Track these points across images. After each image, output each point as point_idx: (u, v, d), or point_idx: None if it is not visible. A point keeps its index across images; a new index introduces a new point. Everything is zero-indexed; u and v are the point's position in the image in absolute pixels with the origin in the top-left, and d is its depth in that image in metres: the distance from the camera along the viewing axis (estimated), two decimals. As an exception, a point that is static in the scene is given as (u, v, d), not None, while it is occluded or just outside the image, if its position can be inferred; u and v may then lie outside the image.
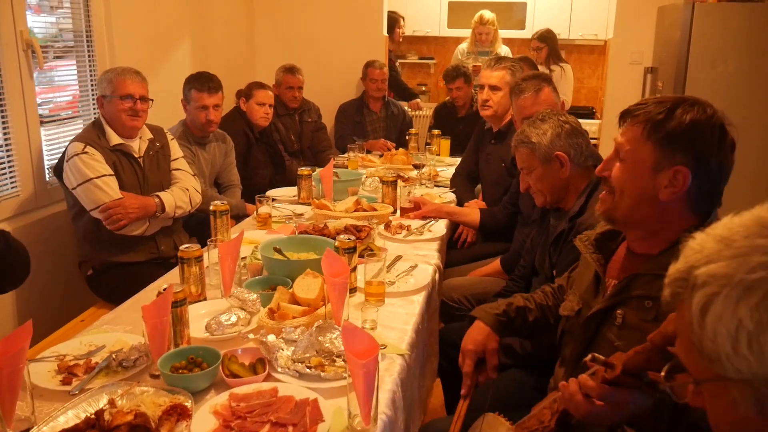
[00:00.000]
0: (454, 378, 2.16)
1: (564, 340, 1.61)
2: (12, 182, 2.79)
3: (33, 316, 2.13)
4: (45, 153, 2.97)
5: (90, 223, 2.62)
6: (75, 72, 3.24)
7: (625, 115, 1.38)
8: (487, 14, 5.46)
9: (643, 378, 1.11)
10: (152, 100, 2.73)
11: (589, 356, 1.16)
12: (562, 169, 2.07)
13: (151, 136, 2.79)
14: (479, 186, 3.49)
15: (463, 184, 3.40)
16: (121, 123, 2.64)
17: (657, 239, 1.37)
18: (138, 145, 2.73)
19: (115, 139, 2.64)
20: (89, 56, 3.25)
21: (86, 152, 2.54)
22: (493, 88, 3.10)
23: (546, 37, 5.25)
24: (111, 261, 2.65)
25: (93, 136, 2.62)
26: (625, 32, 4.95)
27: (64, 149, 2.65)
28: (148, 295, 2.03)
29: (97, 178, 2.53)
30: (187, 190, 2.83)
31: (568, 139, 2.07)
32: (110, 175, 2.58)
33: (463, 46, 5.67)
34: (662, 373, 0.85)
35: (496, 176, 3.11)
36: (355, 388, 1.29)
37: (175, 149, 2.93)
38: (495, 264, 2.69)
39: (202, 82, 3.19)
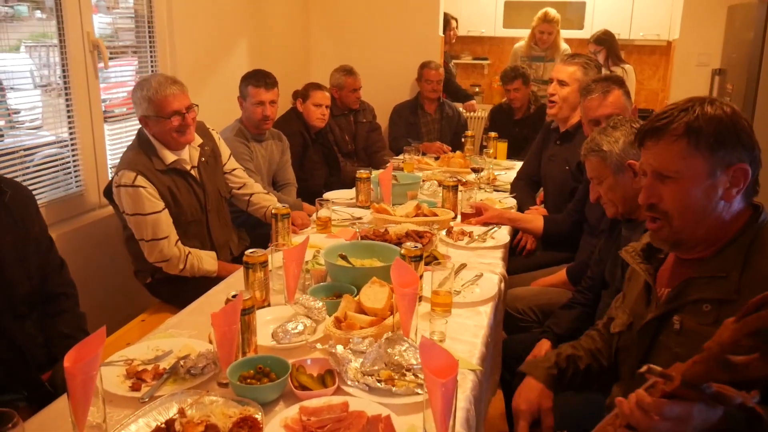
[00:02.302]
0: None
1: (620, 357, 1.56)
2: (77, 180, 2.84)
3: (92, 314, 2.16)
4: (108, 151, 3.01)
5: None
6: (132, 70, 3.28)
7: (653, 134, 1.33)
8: (552, 12, 5.09)
9: (706, 390, 1.04)
10: (197, 106, 2.53)
11: (645, 367, 1.10)
12: (635, 179, 1.96)
13: (200, 140, 2.64)
14: (540, 191, 3.39)
15: (524, 189, 3.30)
16: (173, 142, 2.46)
17: (713, 244, 1.34)
18: (189, 155, 2.57)
19: (169, 157, 2.46)
20: (151, 56, 3.29)
21: (136, 185, 2.35)
22: (561, 83, 2.99)
23: (603, 39, 5.07)
24: (170, 275, 2.52)
25: (144, 160, 2.42)
26: (692, 32, 4.76)
27: (114, 173, 2.52)
28: (210, 299, 2.02)
29: (148, 215, 2.39)
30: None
31: None
32: (162, 210, 2.42)
33: (520, 44, 5.49)
34: None
35: (559, 179, 3.00)
36: (432, 407, 1.24)
37: (224, 149, 2.84)
38: (560, 274, 2.59)
39: (258, 78, 3.20)
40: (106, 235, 2.90)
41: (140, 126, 2.50)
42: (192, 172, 2.59)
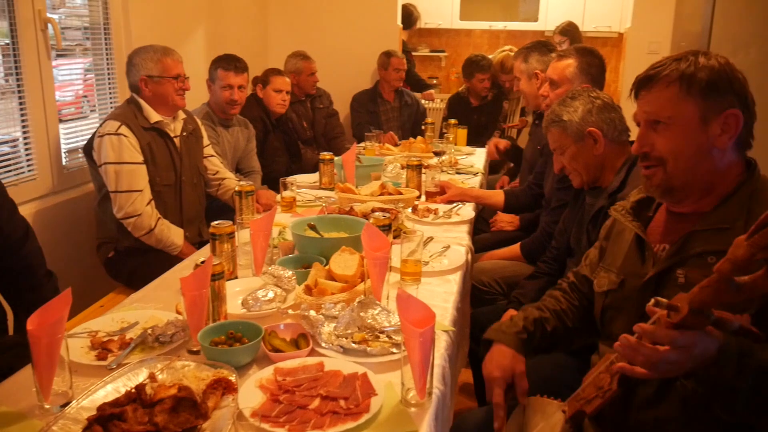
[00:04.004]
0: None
1: (607, 316, 1.55)
2: (29, 165, 2.73)
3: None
4: (62, 137, 2.91)
5: None
6: (81, 68, 3.19)
7: (646, 83, 1.34)
8: (510, 59, 4.34)
9: (710, 317, 1.08)
10: (188, 78, 2.70)
11: (652, 301, 1.12)
12: (596, 146, 2.02)
13: (185, 116, 2.76)
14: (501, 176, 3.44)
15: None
16: (172, 102, 2.61)
17: (709, 196, 1.35)
18: (174, 125, 2.69)
19: (154, 116, 2.58)
20: (107, 48, 3.20)
21: (119, 134, 2.46)
22: (516, 78, 3.15)
23: (567, 30, 5.24)
24: (135, 245, 2.55)
25: (129, 114, 2.55)
26: (643, 21, 4.90)
27: (96, 127, 2.59)
28: (175, 275, 1.97)
29: (127, 164, 2.47)
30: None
31: (600, 114, 2.02)
32: (140, 163, 2.51)
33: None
34: None
35: (531, 157, 3.09)
36: (410, 360, 1.23)
37: (205, 134, 2.93)
38: (514, 247, 2.63)
39: (228, 62, 3.22)
40: (60, 221, 2.80)
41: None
42: (174, 140, 2.68)
